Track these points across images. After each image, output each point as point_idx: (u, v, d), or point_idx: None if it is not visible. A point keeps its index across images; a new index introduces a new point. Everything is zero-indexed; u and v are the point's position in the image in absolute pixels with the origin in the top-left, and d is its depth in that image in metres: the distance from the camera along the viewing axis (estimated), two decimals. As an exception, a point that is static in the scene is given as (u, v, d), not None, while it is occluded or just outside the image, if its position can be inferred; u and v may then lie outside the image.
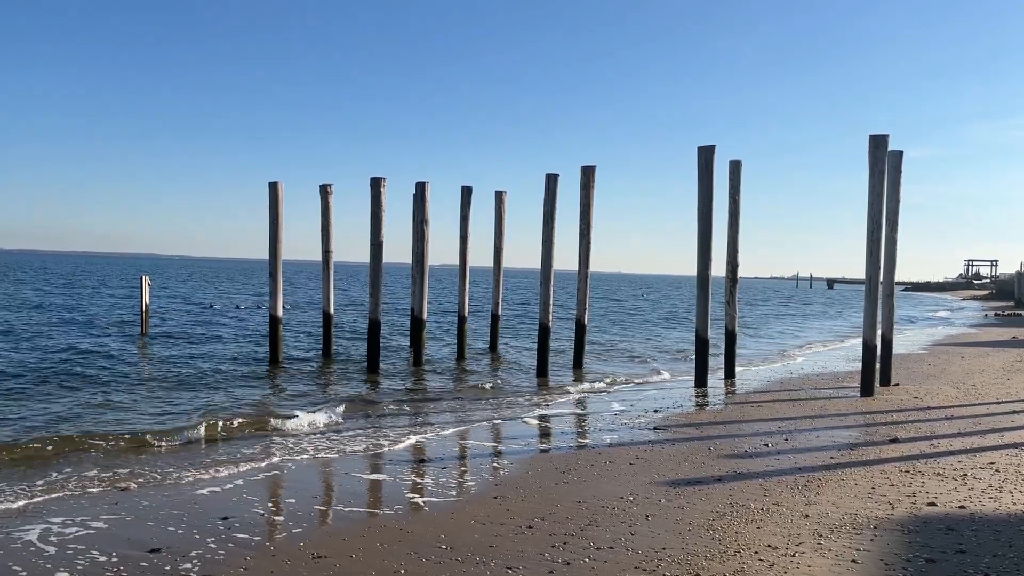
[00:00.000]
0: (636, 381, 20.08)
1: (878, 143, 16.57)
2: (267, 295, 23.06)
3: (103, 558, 6.99)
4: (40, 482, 9.47)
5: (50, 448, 11.21)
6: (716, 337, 19.78)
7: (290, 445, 11.76)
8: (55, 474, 9.86)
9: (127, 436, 12.00)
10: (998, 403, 15.58)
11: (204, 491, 9.18)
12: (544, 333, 20.22)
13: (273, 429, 13.00)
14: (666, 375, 21.41)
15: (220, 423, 13.02)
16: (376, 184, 19.81)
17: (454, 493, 9.24)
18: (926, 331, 39.33)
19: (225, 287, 75.33)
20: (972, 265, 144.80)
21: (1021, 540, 7.19)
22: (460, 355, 23.32)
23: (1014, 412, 14.48)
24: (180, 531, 7.71)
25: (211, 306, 41.47)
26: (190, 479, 9.73)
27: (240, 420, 13.45)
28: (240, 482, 9.60)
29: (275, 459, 10.87)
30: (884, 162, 16.57)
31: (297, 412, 14.12)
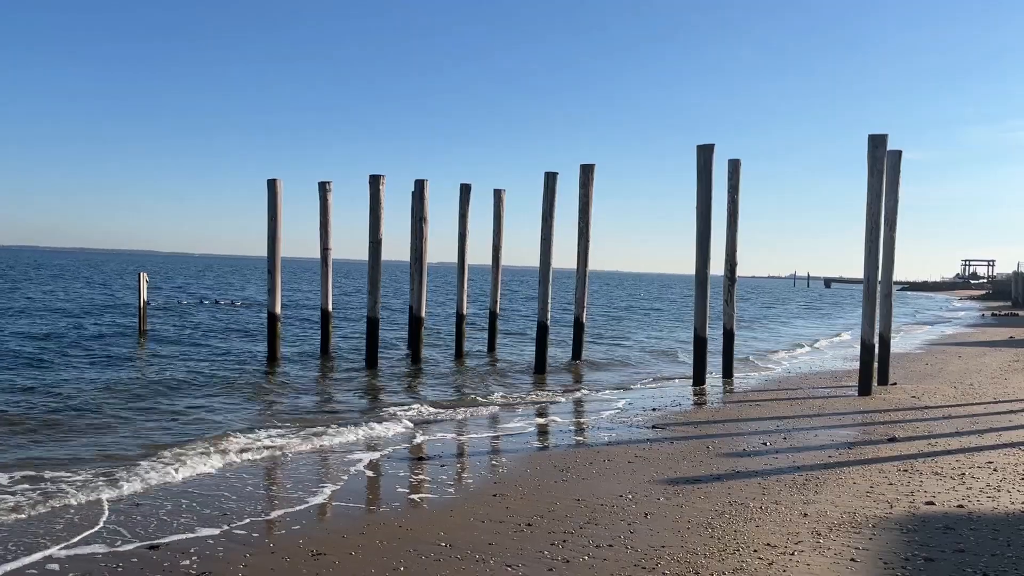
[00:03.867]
0: (635, 378, 20.09)
1: (877, 143, 16.58)
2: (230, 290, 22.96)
3: (100, 555, 6.98)
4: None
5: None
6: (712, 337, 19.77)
7: (287, 442, 11.75)
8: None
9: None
10: (995, 402, 15.61)
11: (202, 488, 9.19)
12: (542, 331, 20.23)
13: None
14: (665, 373, 21.42)
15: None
16: (375, 181, 19.80)
17: (453, 491, 9.23)
18: (923, 330, 39.37)
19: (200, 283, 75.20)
20: (969, 265, 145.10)
21: (1019, 539, 7.21)
22: (458, 353, 23.32)
23: (1011, 412, 14.51)
24: (179, 527, 7.71)
25: (149, 303, 41.18)
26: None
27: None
28: (236, 480, 9.61)
29: (274, 454, 10.87)
30: (883, 162, 16.58)
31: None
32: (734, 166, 19.63)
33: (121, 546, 7.18)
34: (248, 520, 7.96)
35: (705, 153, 17.91)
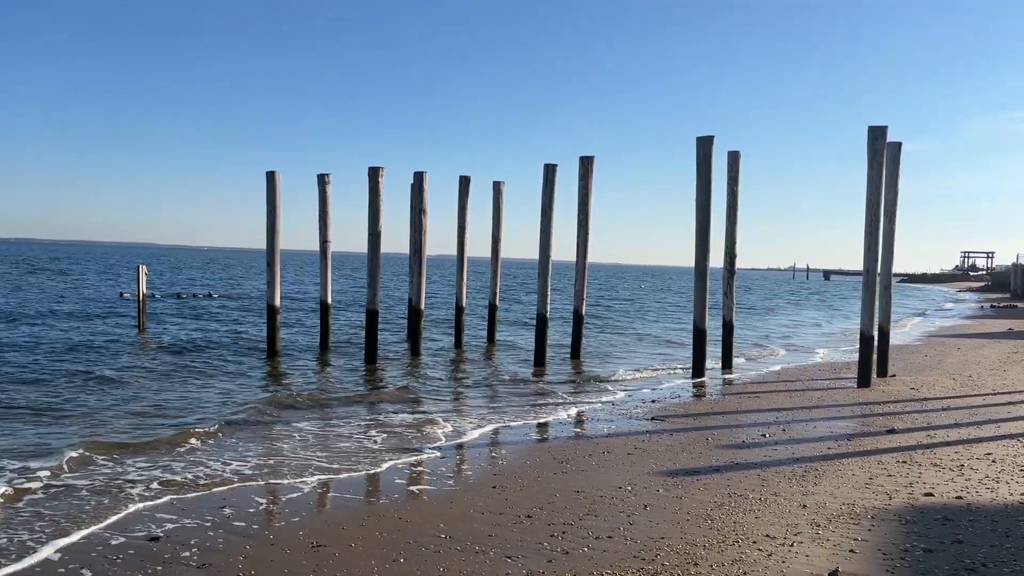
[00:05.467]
0: (634, 371, 20.08)
1: (877, 134, 16.54)
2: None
3: (100, 547, 7.00)
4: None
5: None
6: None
7: (287, 435, 11.76)
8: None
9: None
10: (994, 394, 15.62)
11: (202, 483, 9.22)
12: (542, 323, 20.21)
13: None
14: (664, 365, 21.41)
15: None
16: (374, 174, 19.75)
17: (452, 483, 9.25)
18: (923, 322, 39.39)
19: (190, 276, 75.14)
20: (968, 257, 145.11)
21: (1018, 530, 7.22)
22: (458, 345, 23.30)
23: (1010, 403, 14.52)
24: (179, 520, 7.73)
25: (121, 295, 40.92)
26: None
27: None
28: (235, 474, 9.62)
29: (275, 446, 10.89)
30: (883, 153, 16.55)
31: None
32: (733, 158, 19.60)
33: (125, 537, 7.20)
34: (247, 513, 7.97)
35: (705, 145, 17.87)
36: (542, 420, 13.49)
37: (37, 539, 7.19)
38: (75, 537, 7.22)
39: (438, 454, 10.69)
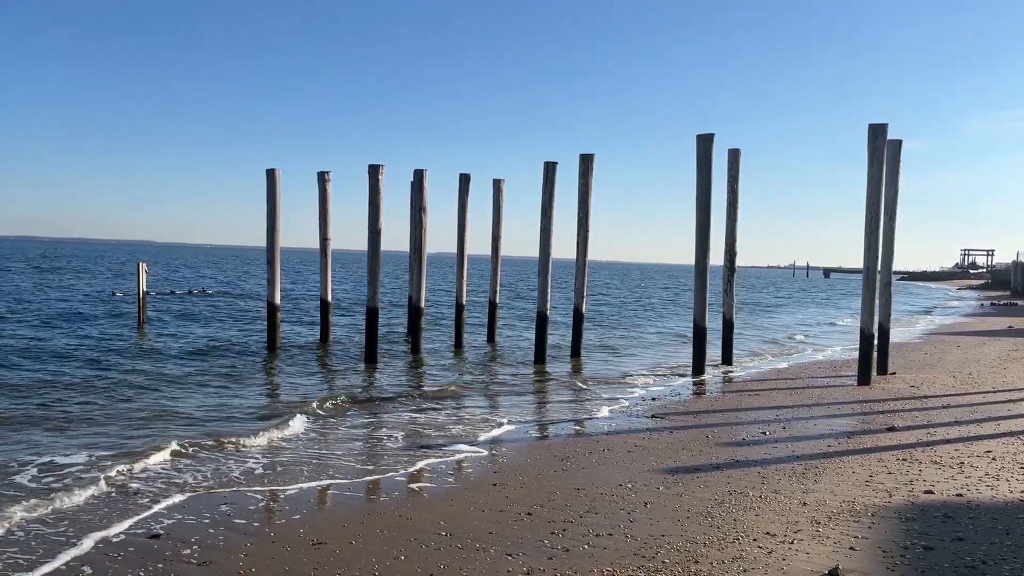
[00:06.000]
0: (634, 368, 20.08)
1: (877, 132, 16.54)
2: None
3: (102, 544, 7.00)
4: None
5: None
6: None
7: (289, 434, 11.76)
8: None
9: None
10: (994, 392, 15.63)
11: (201, 485, 9.22)
12: (542, 321, 20.22)
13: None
14: (665, 362, 21.41)
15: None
16: (374, 171, 19.73)
17: (452, 480, 9.26)
18: (923, 320, 39.39)
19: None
20: (968, 255, 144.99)
21: (1018, 528, 7.22)
22: (458, 344, 23.30)
23: (1010, 401, 14.53)
24: (180, 517, 7.74)
25: (113, 294, 40.89)
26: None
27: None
28: (238, 475, 9.63)
29: (276, 445, 10.89)
30: (883, 151, 16.54)
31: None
32: (734, 156, 19.59)
33: (125, 535, 7.21)
34: (248, 510, 7.97)
35: (705, 143, 17.87)
36: (542, 418, 13.50)
37: (58, 535, 7.20)
38: (87, 537, 7.23)
39: (439, 454, 10.69)
